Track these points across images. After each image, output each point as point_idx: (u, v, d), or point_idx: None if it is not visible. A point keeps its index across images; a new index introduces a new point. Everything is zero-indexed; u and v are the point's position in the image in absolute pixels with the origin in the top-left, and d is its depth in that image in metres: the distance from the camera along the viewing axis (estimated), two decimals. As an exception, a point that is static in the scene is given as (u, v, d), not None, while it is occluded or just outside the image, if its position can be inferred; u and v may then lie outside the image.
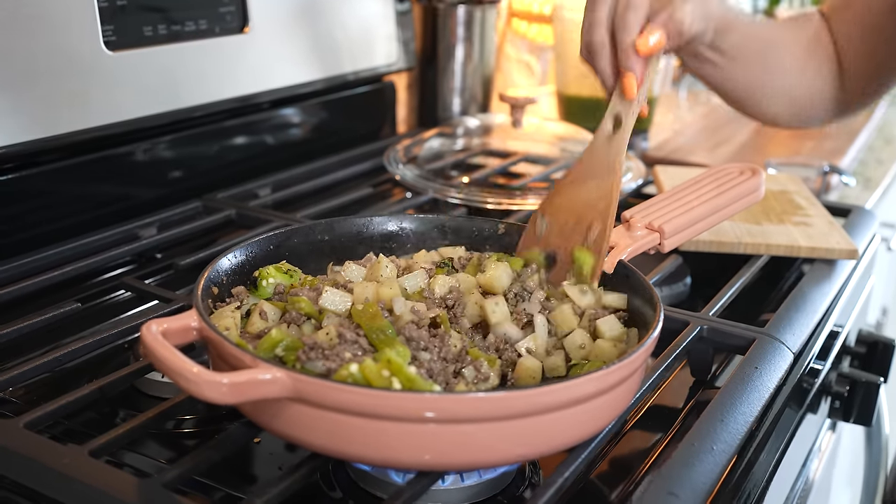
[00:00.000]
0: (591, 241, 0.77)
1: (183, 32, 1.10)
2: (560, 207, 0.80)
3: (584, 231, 0.77)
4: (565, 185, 0.81)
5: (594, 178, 0.79)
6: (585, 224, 0.77)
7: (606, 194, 0.77)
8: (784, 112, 1.05)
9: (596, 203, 0.78)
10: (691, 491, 0.61)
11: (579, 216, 0.78)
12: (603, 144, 0.81)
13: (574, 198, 0.80)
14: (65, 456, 0.60)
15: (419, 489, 0.60)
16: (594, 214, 0.77)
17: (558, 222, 0.80)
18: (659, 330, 0.66)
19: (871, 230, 1.19)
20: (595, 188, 0.79)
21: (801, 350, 0.86)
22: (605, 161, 0.80)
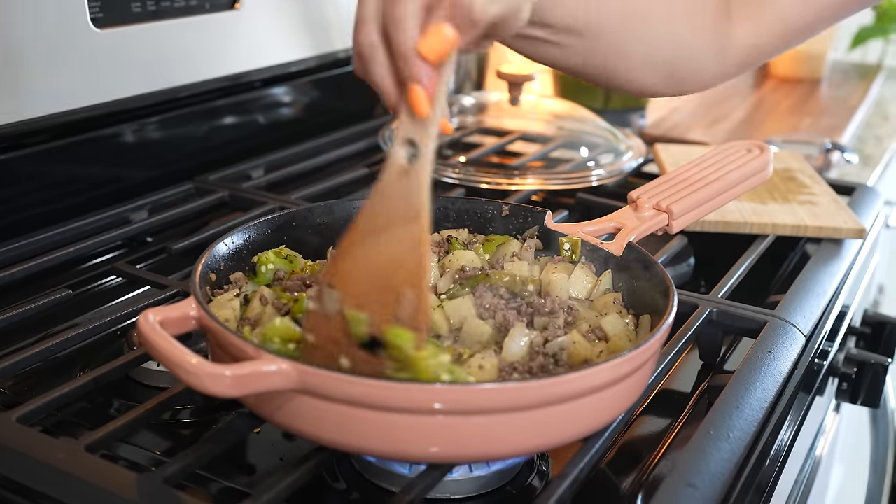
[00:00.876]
0: (404, 315, 0.58)
1: (172, 9, 1.06)
2: (351, 275, 0.61)
3: (392, 302, 0.58)
4: (353, 245, 0.62)
5: (392, 229, 0.60)
6: (391, 293, 0.59)
7: (415, 247, 0.59)
8: (655, 81, 0.87)
9: (402, 261, 0.59)
10: (710, 481, 0.60)
11: (382, 283, 0.59)
12: (396, 183, 0.61)
13: (368, 259, 0.61)
14: (60, 451, 0.58)
15: (430, 482, 0.58)
16: (402, 278, 0.59)
17: (353, 294, 0.60)
18: (672, 317, 0.64)
19: (875, 208, 1.17)
20: (397, 242, 0.60)
21: (812, 332, 0.84)
22: (403, 203, 0.60)
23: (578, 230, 0.79)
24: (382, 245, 0.60)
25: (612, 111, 1.56)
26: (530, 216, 0.81)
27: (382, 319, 0.58)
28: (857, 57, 2.50)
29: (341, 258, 0.62)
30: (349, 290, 0.60)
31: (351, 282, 0.60)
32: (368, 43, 0.61)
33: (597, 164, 1.23)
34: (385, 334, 0.57)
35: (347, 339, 0.58)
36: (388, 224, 0.61)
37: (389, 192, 0.61)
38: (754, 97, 1.88)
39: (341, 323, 0.59)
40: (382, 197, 0.62)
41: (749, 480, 0.64)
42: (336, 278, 0.61)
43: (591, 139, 1.32)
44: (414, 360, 0.55)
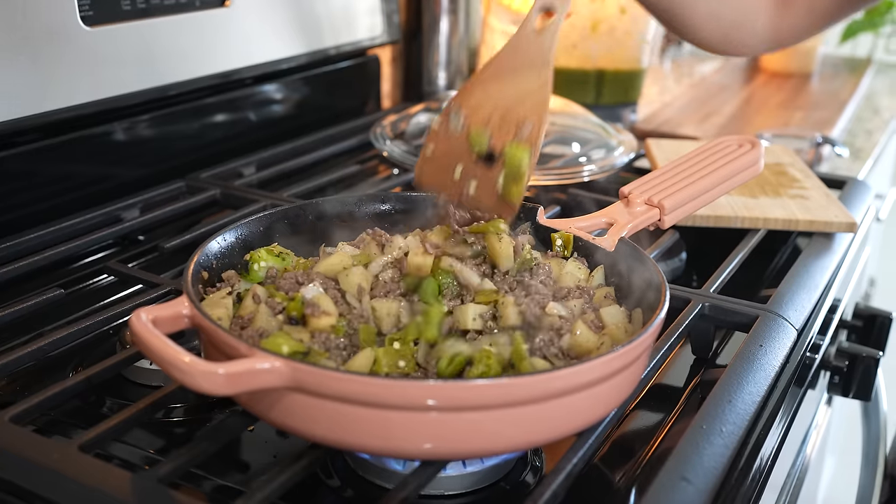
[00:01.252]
0: (523, 136, 0.70)
1: (162, 6, 1.06)
2: (480, 102, 0.73)
3: (514, 127, 0.71)
4: (486, 79, 0.73)
5: (522, 72, 0.72)
6: (514, 119, 0.71)
7: (540, 87, 0.71)
8: (712, 35, 1.00)
9: (526, 97, 0.71)
10: (703, 475, 0.60)
11: (506, 111, 0.71)
12: (529, 37, 0.74)
13: (498, 92, 0.72)
14: (54, 451, 0.57)
15: (424, 478, 0.58)
16: (525, 109, 0.71)
17: (479, 118, 0.72)
18: (664, 312, 0.64)
19: (866, 202, 1.18)
20: (525, 82, 0.72)
21: (804, 326, 0.85)
22: (534, 54, 0.73)
23: (570, 226, 0.79)
24: (513, 82, 0.72)
25: (604, 106, 1.56)
26: (522, 212, 0.81)
27: (503, 139, 0.70)
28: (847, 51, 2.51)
29: (471, 89, 0.73)
30: (476, 113, 0.72)
31: (478, 107, 0.72)
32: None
33: (588, 160, 1.23)
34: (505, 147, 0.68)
35: (467, 152, 0.71)
36: (520, 67, 0.72)
37: (523, 44, 0.73)
38: (745, 92, 1.88)
39: (463, 139, 0.71)
40: (516, 47, 0.73)
41: (742, 474, 0.64)
42: (465, 103, 0.72)
43: (583, 134, 1.32)
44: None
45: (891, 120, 1.76)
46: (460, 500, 0.66)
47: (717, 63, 2.20)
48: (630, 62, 1.57)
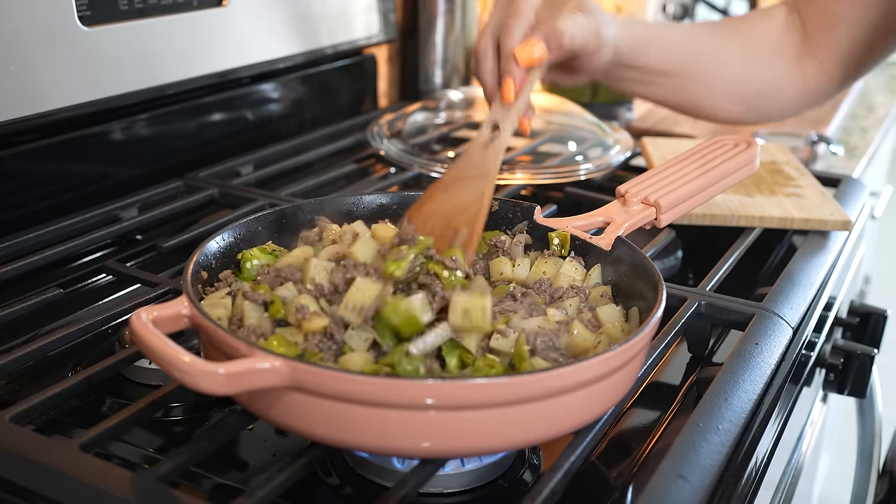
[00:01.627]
0: (457, 243, 0.73)
1: (159, 6, 1.06)
2: (429, 214, 0.77)
3: (451, 236, 0.74)
4: (436, 192, 0.78)
5: (466, 184, 0.78)
6: (452, 228, 0.75)
7: (478, 198, 0.76)
8: (738, 110, 1.04)
9: (466, 207, 0.76)
10: (700, 473, 0.60)
11: (447, 221, 0.76)
12: (479, 151, 0.80)
13: (445, 204, 0.77)
14: (55, 451, 0.58)
15: (423, 476, 0.59)
16: (463, 219, 0.75)
17: (425, 229, 0.75)
18: (661, 311, 0.64)
19: (861, 200, 1.18)
20: (467, 192, 0.77)
21: (800, 324, 0.85)
22: (479, 167, 0.78)
23: (567, 225, 0.80)
24: (456, 194, 0.77)
25: (600, 105, 1.57)
26: (519, 211, 0.82)
27: (441, 246, 0.73)
28: (842, 49, 2.51)
29: (426, 200, 0.78)
30: (423, 224, 0.76)
31: (427, 219, 0.76)
32: (483, 47, 0.84)
33: (585, 158, 1.24)
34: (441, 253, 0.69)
35: None
36: (464, 178, 0.78)
37: (471, 157, 0.80)
38: (740, 90, 1.89)
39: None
40: (464, 160, 0.80)
41: (738, 471, 0.65)
42: (416, 216, 0.77)
43: (579, 133, 1.32)
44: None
45: (885, 118, 1.77)
46: (459, 498, 0.66)
47: (713, 61, 2.21)
48: (626, 61, 1.57)
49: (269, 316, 0.65)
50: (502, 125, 0.81)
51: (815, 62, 1.00)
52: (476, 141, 0.81)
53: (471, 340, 0.63)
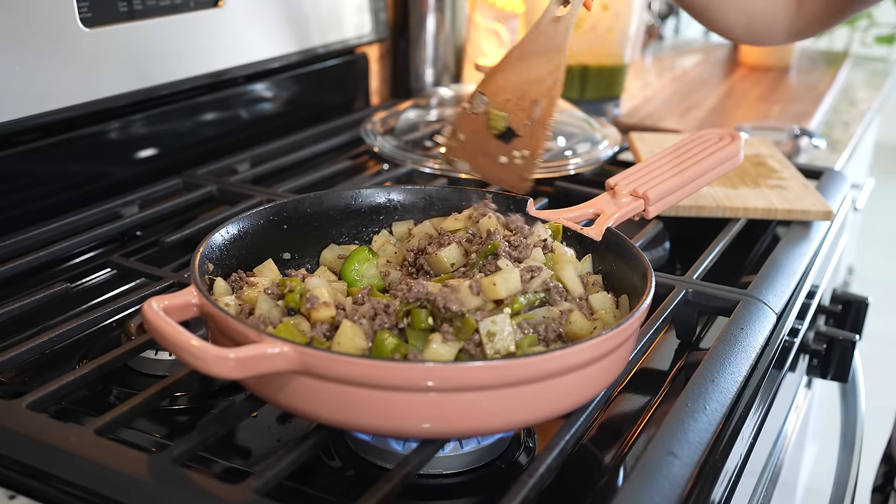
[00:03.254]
0: (535, 116, 0.76)
1: (158, 7, 1.08)
2: (501, 85, 0.79)
3: (528, 106, 0.77)
4: (507, 64, 0.80)
5: (539, 57, 0.79)
6: (529, 100, 0.77)
7: (553, 70, 0.78)
8: (738, 25, 1.07)
9: (542, 80, 0.78)
10: (688, 450, 0.63)
11: (523, 93, 0.78)
12: (548, 26, 0.80)
13: (516, 76, 0.79)
14: (71, 435, 0.60)
15: (423, 458, 0.61)
16: (540, 91, 0.77)
17: (497, 100, 0.79)
18: (650, 297, 0.67)
19: (842, 191, 1.21)
20: (541, 66, 0.78)
21: (783, 310, 0.88)
22: (551, 41, 0.79)
23: (559, 216, 0.82)
24: (528, 67, 0.78)
25: (588, 101, 1.60)
26: (512, 204, 0.84)
27: (519, 119, 0.76)
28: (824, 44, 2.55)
29: (494, 73, 0.79)
30: (496, 96, 0.78)
31: (498, 91, 0.78)
32: None
33: (574, 154, 1.26)
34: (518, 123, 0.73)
35: (488, 131, 0.78)
36: (537, 52, 0.78)
37: (542, 31, 0.79)
38: (725, 85, 1.92)
39: (485, 119, 0.78)
40: (536, 34, 0.79)
41: (725, 449, 0.68)
42: (487, 87, 0.79)
43: (568, 129, 1.35)
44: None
45: (867, 112, 1.80)
46: (458, 479, 0.69)
47: (698, 58, 2.24)
48: (613, 58, 1.60)
49: (281, 305, 0.68)
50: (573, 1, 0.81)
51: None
52: (546, 14, 0.81)
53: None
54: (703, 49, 2.36)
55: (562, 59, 0.78)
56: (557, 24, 0.80)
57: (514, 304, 0.68)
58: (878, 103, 1.96)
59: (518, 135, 0.78)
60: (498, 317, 0.65)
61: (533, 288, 0.71)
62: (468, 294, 0.66)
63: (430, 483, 0.68)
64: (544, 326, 0.68)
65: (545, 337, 0.67)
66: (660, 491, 0.59)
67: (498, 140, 0.79)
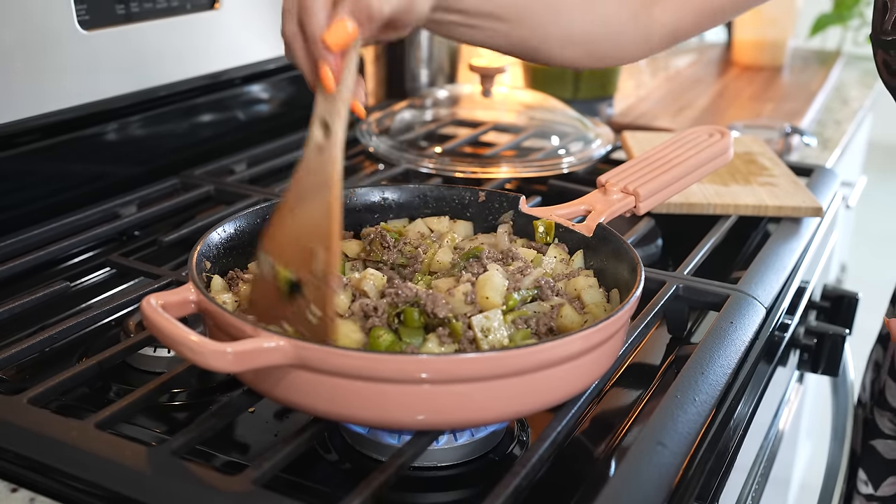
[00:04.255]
0: (317, 272, 0.65)
1: (155, 10, 1.10)
2: (282, 241, 0.69)
3: (308, 259, 0.66)
4: (284, 217, 0.70)
5: (312, 198, 0.68)
6: (307, 252, 0.66)
7: (327, 212, 0.65)
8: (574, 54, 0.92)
9: (317, 224, 0.66)
10: (677, 440, 0.64)
11: (302, 244, 0.67)
12: (315, 158, 0.69)
13: (295, 227, 0.68)
14: (73, 429, 0.61)
15: (417, 450, 0.62)
16: (317, 238, 0.66)
17: (282, 256, 0.68)
18: (640, 290, 0.68)
19: (833, 188, 1.23)
20: (315, 208, 0.67)
21: (773, 305, 0.89)
22: (319, 175, 0.68)
23: (551, 213, 0.83)
24: (304, 211, 0.68)
25: (582, 101, 1.61)
26: (505, 201, 0.85)
27: (302, 274, 0.66)
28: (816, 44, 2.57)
29: (273, 226, 0.70)
30: (279, 253, 0.68)
31: (280, 246, 0.69)
32: (290, 32, 0.70)
33: (567, 152, 1.28)
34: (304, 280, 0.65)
35: (279, 293, 0.67)
36: (307, 194, 0.68)
37: (309, 167, 0.69)
38: (718, 85, 1.93)
39: (275, 280, 0.68)
40: (304, 171, 0.69)
41: (714, 439, 0.69)
42: (269, 246, 0.69)
43: (562, 128, 1.36)
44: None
45: (859, 110, 1.81)
46: (452, 471, 0.70)
47: (692, 57, 2.25)
48: (606, 58, 1.61)
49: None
50: (332, 122, 0.69)
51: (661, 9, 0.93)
52: (309, 146, 0.70)
53: None
54: (697, 49, 2.37)
55: (332, 197, 0.65)
56: (322, 153, 0.68)
57: (508, 300, 0.69)
58: (870, 102, 1.98)
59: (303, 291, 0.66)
60: (490, 312, 0.66)
61: (525, 285, 0.72)
62: (461, 303, 0.68)
63: (424, 475, 0.69)
64: (536, 321, 0.69)
65: (537, 331, 0.69)
66: (649, 480, 0.60)
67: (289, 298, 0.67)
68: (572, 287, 0.75)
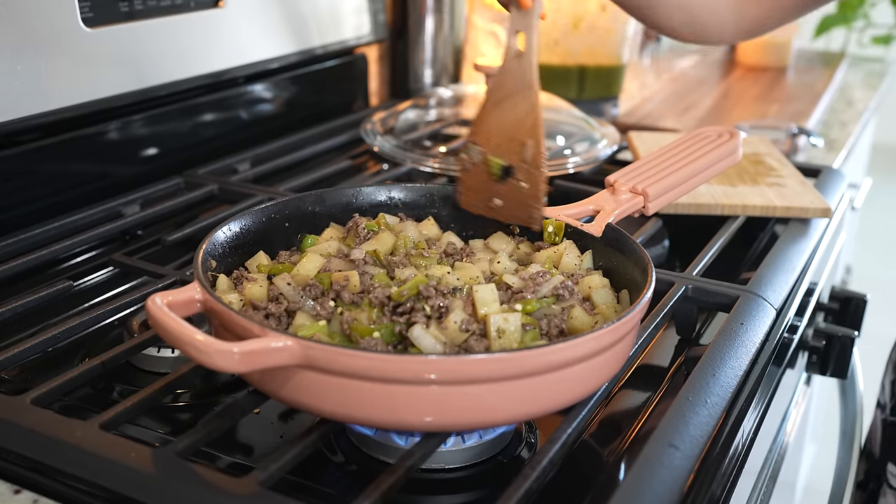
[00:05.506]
0: (527, 157, 0.78)
1: (158, 7, 1.09)
2: (488, 132, 0.81)
3: (519, 148, 0.79)
4: (487, 110, 0.82)
5: (514, 97, 0.80)
6: (518, 142, 0.79)
7: (532, 108, 0.79)
8: (681, 26, 1.07)
9: (522, 120, 0.79)
10: (689, 442, 0.63)
11: (510, 136, 0.79)
12: (514, 65, 0.81)
13: (500, 120, 0.81)
14: (77, 430, 0.60)
15: (425, 452, 0.61)
16: (524, 131, 0.79)
17: (491, 146, 0.81)
18: (651, 291, 0.68)
19: (840, 189, 1.22)
20: (518, 106, 0.80)
21: (782, 306, 0.88)
22: (521, 79, 0.80)
23: (559, 213, 0.83)
24: (508, 109, 0.80)
25: (587, 101, 1.60)
26: (512, 201, 0.85)
27: (513, 161, 0.79)
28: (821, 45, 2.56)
29: (478, 122, 0.82)
30: (486, 142, 0.81)
31: (487, 137, 0.81)
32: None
33: (573, 153, 1.27)
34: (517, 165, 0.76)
35: (489, 178, 0.81)
36: (510, 94, 0.80)
37: (508, 71, 0.80)
38: (723, 85, 1.93)
39: (485, 167, 0.81)
40: (503, 75, 0.81)
41: (727, 442, 0.68)
42: (476, 137, 0.82)
43: (567, 128, 1.35)
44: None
45: (864, 112, 1.81)
46: (460, 474, 0.69)
47: (696, 58, 2.25)
48: (611, 58, 1.61)
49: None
50: (528, 33, 0.80)
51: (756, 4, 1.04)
52: (507, 56, 0.81)
53: None
54: (701, 50, 2.36)
55: (534, 96, 0.79)
56: (521, 60, 0.80)
57: (526, 305, 0.68)
58: (875, 103, 1.97)
59: (516, 174, 0.80)
60: (511, 315, 0.65)
61: (542, 293, 0.71)
62: (457, 332, 0.65)
63: (432, 477, 0.69)
64: (546, 322, 0.68)
65: (548, 332, 0.68)
66: (662, 482, 0.59)
67: (499, 182, 0.81)
68: (585, 286, 0.74)
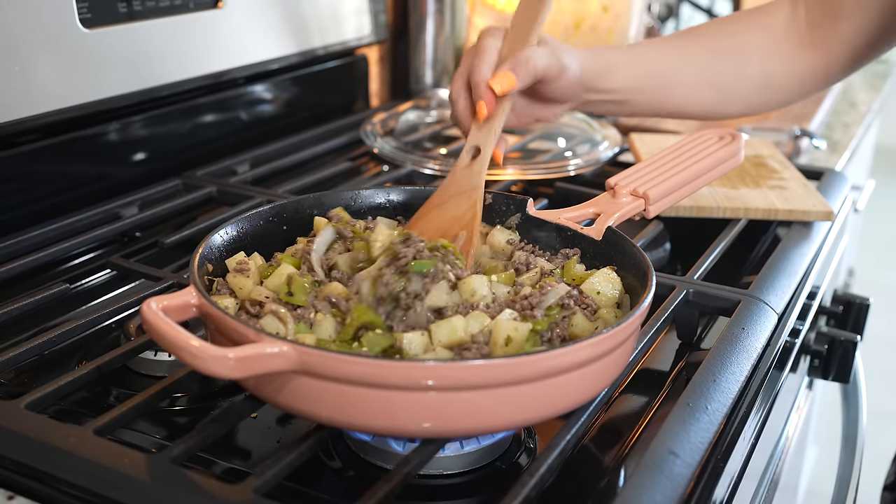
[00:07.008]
0: (458, 245, 0.77)
1: (157, 8, 1.08)
2: (426, 230, 0.81)
3: (451, 239, 0.78)
4: (430, 209, 0.83)
5: (458, 198, 0.83)
6: (450, 235, 0.79)
7: (471, 207, 0.81)
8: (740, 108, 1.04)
9: (461, 216, 0.81)
10: (690, 450, 0.63)
11: (444, 231, 0.80)
12: (464, 172, 0.85)
13: (439, 218, 0.82)
14: (70, 435, 0.60)
15: (423, 458, 0.61)
16: (459, 226, 0.80)
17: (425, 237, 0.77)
18: (651, 296, 0.67)
19: (843, 192, 1.21)
20: (460, 205, 0.82)
21: (784, 310, 0.88)
22: (467, 183, 0.84)
23: (560, 216, 0.82)
24: (448, 208, 0.83)
25: (588, 103, 1.59)
26: (512, 204, 0.84)
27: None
28: (824, 46, 2.54)
29: (417, 220, 0.83)
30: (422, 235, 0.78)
31: (423, 231, 0.80)
32: (457, 90, 0.90)
33: (574, 155, 1.26)
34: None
35: None
36: (454, 195, 0.83)
37: (457, 177, 0.85)
38: (725, 87, 1.91)
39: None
40: (453, 180, 0.85)
41: (728, 449, 0.67)
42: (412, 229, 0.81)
43: (568, 130, 1.35)
44: None
45: (867, 114, 1.80)
46: (458, 480, 0.68)
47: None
48: (613, 59, 1.60)
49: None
50: (482, 145, 0.85)
51: (818, 53, 1.00)
52: (458, 164, 0.85)
53: None
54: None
55: (477, 196, 0.82)
56: (471, 168, 0.85)
57: (536, 325, 0.67)
58: (878, 105, 1.96)
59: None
60: (521, 325, 0.65)
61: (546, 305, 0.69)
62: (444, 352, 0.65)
63: (430, 483, 0.68)
64: (548, 329, 0.67)
65: (549, 338, 0.67)
66: (661, 490, 0.59)
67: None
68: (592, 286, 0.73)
